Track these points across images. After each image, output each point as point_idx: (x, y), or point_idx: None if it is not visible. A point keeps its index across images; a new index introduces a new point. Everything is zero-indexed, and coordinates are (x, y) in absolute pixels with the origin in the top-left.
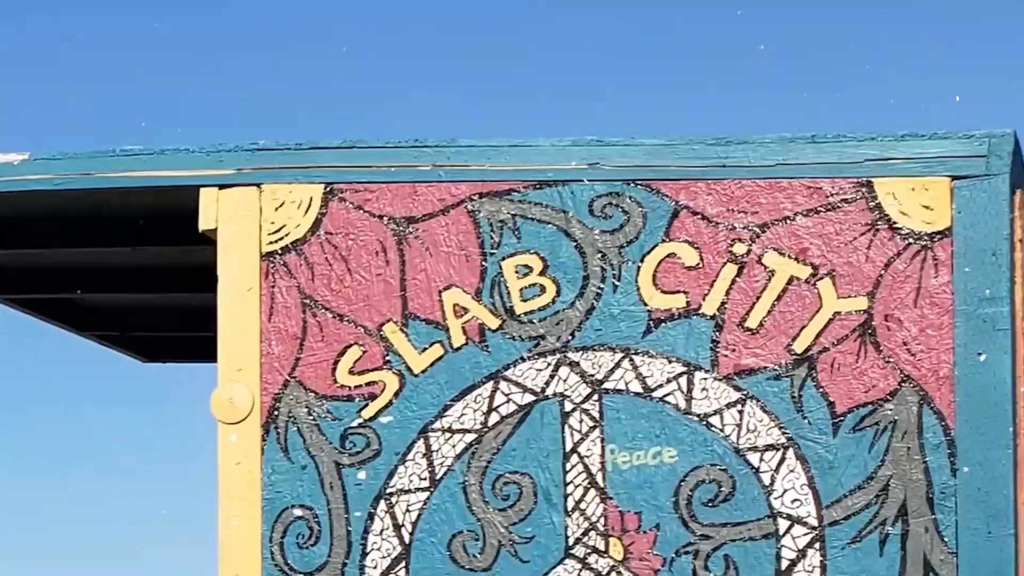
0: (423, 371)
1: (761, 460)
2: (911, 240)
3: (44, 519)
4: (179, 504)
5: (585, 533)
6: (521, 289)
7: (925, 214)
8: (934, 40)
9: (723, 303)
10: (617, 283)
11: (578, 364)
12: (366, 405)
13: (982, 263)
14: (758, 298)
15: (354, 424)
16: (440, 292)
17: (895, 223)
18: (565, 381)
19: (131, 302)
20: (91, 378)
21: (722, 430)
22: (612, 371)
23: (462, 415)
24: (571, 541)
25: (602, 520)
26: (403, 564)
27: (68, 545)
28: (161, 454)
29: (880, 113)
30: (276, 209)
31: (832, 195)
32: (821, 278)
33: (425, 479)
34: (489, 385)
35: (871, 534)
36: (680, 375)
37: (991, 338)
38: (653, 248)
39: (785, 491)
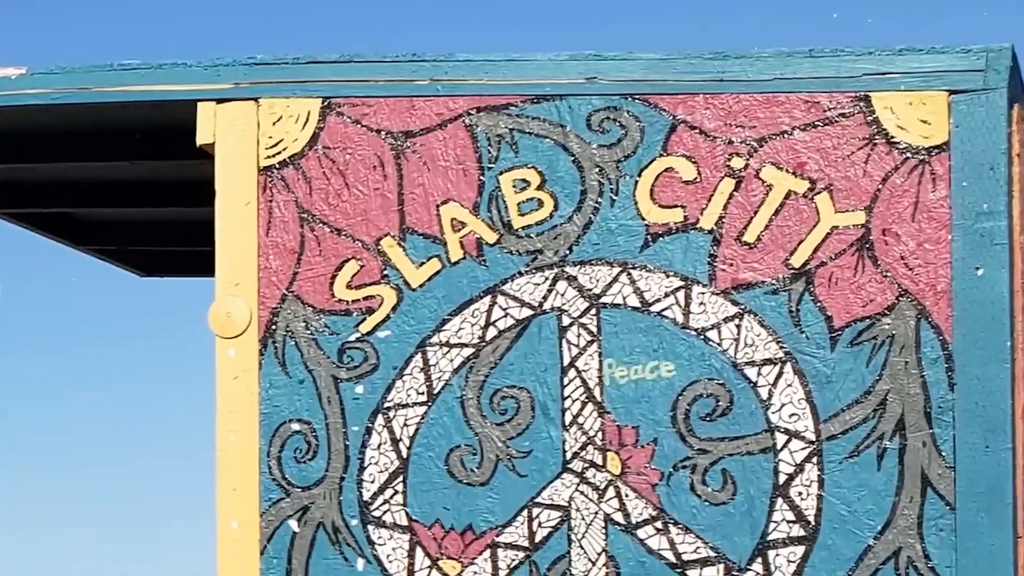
0: (421, 285)
1: (759, 374)
2: (909, 154)
3: (40, 433)
4: (176, 419)
5: (583, 447)
6: (519, 203)
7: (923, 128)
8: None
9: (721, 217)
10: (615, 197)
11: (576, 278)
12: (364, 319)
13: (980, 177)
14: (756, 212)
15: (352, 338)
16: (438, 206)
17: (893, 137)
18: (563, 295)
19: (128, 216)
20: (88, 292)
21: (720, 344)
22: (610, 285)
23: (460, 329)
24: (569, 455)
25: (600, 434)
26: (400, 478)
27: (64, 459)
28: (158, 368)
29: (878, 26)
30: (274, 123)
31: (830, 109)
32: (819, 192)
33: (423, 393)
34: (487, 299)
35: (869, 448)
36: (678, 289)
37: (989, 252)
38: (651, 162)
39: (783, 405)
